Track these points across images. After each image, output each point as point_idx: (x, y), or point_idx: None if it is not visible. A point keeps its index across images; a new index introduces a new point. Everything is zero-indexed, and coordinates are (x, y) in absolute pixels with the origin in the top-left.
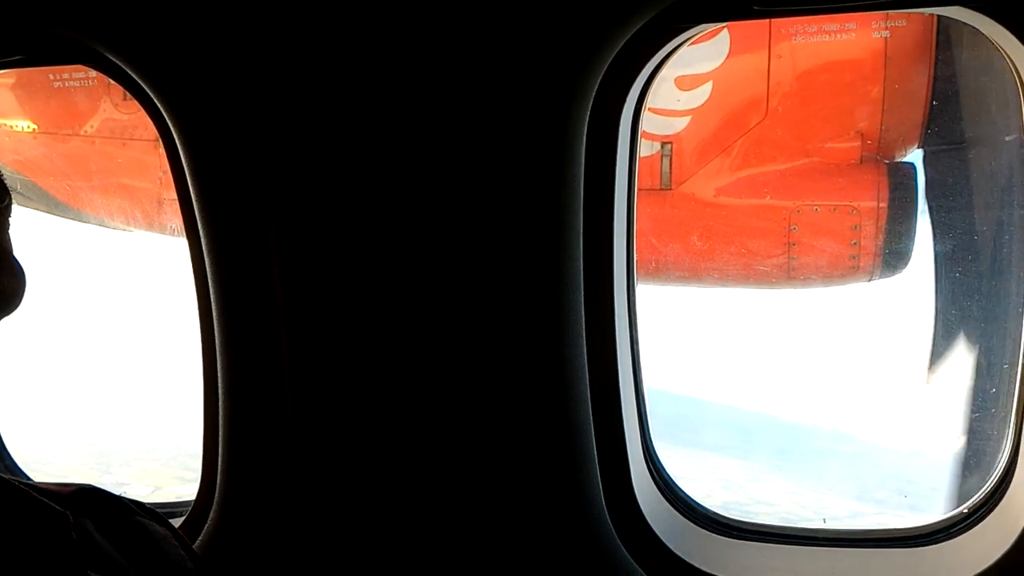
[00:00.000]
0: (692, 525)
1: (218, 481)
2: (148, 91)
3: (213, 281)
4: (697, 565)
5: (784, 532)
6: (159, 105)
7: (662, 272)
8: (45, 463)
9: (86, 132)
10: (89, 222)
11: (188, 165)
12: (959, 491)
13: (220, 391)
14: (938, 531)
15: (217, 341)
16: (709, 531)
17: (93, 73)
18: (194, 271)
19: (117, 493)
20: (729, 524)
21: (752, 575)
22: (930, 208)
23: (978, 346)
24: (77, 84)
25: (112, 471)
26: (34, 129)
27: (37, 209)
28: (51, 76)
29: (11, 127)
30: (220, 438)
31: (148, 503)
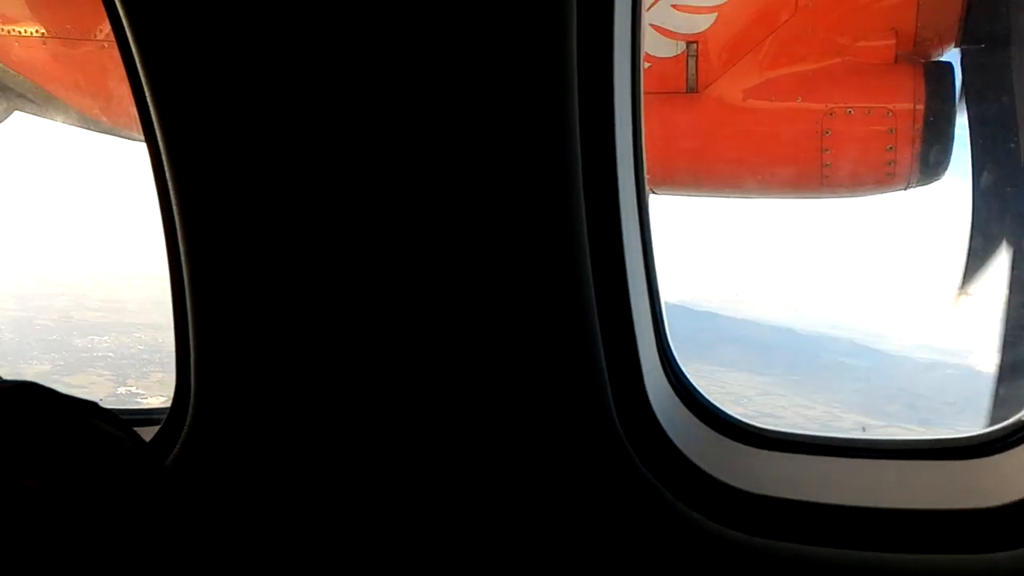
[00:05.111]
0: (715, 434)
1: (192, 391)
2: None
3: (174, 187)
4: (721, 478)
5: (819, 442)
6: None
7: (688, 181)
8: (65, 374)
9: (96, 37)
10: (112, 134)
11: (142, 67)
12: (995, 405)
13: (188, 300)
14: (992, 441)
15: (181, 248)
16: (735, 440)
17: None
18: (154, 176)
19: (65, 393)
20: (757, 433)
21: (783, 489)
22: (968, 109)
23: (1016, 257)
24: None
25: (128, 382)
26: (43, 34)
27: (59, 121)
28: None
29: (19, 32)
30: (191, 348)
31: (110, 408)
